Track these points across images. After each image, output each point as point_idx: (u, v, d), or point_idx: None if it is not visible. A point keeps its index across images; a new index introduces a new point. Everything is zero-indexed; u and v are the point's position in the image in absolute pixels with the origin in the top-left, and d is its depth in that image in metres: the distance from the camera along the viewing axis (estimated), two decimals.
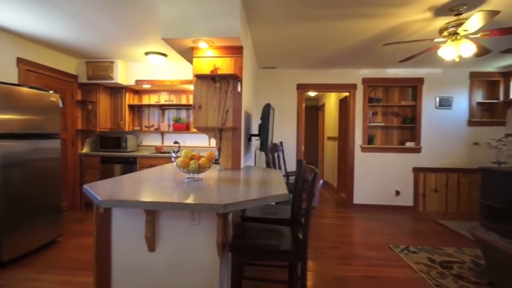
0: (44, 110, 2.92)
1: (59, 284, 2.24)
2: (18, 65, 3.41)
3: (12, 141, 2.57)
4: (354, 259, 2.79)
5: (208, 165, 1.89)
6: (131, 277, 1.68)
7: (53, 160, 3.05)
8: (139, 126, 4.95)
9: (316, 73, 4.75)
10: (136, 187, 1.69)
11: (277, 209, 2.37)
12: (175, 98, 4.89)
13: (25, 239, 2.68)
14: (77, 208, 4.41)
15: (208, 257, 1.63)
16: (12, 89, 2.58)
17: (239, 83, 2.53)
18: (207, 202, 1.31)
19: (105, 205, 1.32)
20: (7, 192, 2.53)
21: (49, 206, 2.98)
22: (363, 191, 4.73)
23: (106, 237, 1.71)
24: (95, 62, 4.31)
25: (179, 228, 1.65)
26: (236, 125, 2.54)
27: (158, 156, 4.29)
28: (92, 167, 4.40)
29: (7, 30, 3.17)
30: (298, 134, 4.80)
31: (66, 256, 2.75)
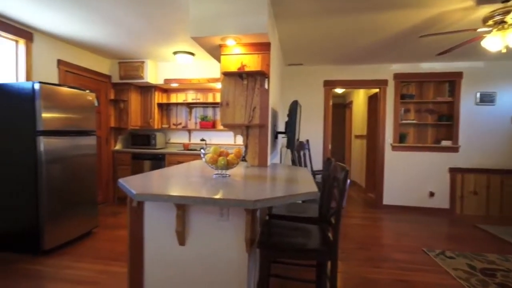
0: (82, 108, 3.09)
1: (96, 272, 2.36)
2: (58, 66, 3.64)
3: (54, 138, 2.74)
4: (384, 261, 2.68)
5: (236, 161, 1.90)
6: (163, 268, 1.73)
7: (89, 156, 3.22)
8: (167, 124, 5.09)
9: (344, 69, 4.61)
10: (167, 182, 1.73)
11: (303, 207, 2.33)
12: (202, 97, 4.97)
13: (64, 229, 2.86)
14: (110, 202, 4.64)
15: (236, 253, 1.64)
16: (55, 89, 2.75)
17: (266, 80, 2.51)
18: (236, 198, 1.30)
19: (139, 199, 1.36)
20: (49, 185, 2.70)
21: (86, 199, 3.16)
22: (393, 192, 4.53)
23: (139, 229, 1.77)
24: (126, 63, 4.50)
25: (208, 223, 1.67)
26: (263, 122, 2.53)
27: (185, 153, 4.39)
28: (124, 163, 4.61)
29: (49, 34, 3.40)
30: (325, 132, 4.69)
31: (102, 246, 2.90)
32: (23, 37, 3.17)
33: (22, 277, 2.27)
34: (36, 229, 2.65)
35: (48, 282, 2.21)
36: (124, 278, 2.27)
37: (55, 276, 2.30)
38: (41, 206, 2.65)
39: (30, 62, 3.26)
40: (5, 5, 2.64)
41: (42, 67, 3.41)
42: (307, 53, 4.00)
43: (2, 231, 2.74)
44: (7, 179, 2.71)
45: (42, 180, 2.65)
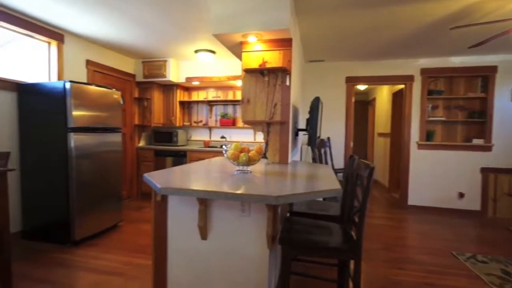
0: (109, 106, 3.21)
1: (121, 263, 2.46)
2: (87, 66, 3.80)
3: (83, 135, 2.87)
4: (410, 263, 2.58)
5: (258, 158, 1.89)
6: (185, 262, 1.77)
7: (115, 153, 3.35)
8: (189, 122, 5.19)
9: (367, 65, 4.48)
10: (190, 177, 1.75)
11: (324, 205, 2.29)
12: (222, 94, 5.02)
13: (92, 222, 3.00)
14: (134, 197, 4.80)
15: (257, 249, 1.64)
16: (84, 87, 2.87)
17: (288, 76, 2.48)
18: (258, 193, 1.30)
19: (163, 192, 1.39)
20: (78, 180, 2.84)
21: (112, 194, 3.29)
22: (419, 192, 4.35)
23: (162, 223, 1.81)
24: (150, 62, 4.62)
25: (229, 218, 1.68)
26: (284, 119, 2.51)
27: (206, 150, 4.46)
28: (147, 160, 4.75)
29: (78, 35, 3.55)
30: (346, 129, 4.59)
31: (127, 239, 3.01)
32: (55, 38, 3.34)
33: (55, 265, 2.41)
34: (67, 221, 2.79)
35: (78, 271, 2.32)
36: (148, 270, 2.35)
37: (84, 265, 2.41)
38: (71, 199, 2.79)
39: (62, 63, 3.43)
40: (39, 9, 2.79)
41: (72, 67, 3.58)
42: (329, 49, 3.92)
43: (38, 222, 2.91)
44: (42, 174, 2.88)
45: (72, 174, 2.78)
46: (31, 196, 2.93)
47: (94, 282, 2.16)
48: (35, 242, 2.90)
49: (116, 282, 2.16)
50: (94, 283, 2.14)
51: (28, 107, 2.89)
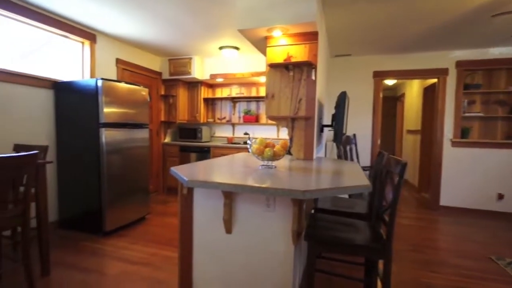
0: (137, 103, 3.32)
1: (148, 254, 2.54)
2: (117, 64, 3.96)
3: (113, 130, 2.99)
4: (442, 266, 2.44)
5: (283, 153, 1.87)
6: (210, 255, 1.79)
7: (143, 148, 3.46)
8: (213, 118, 5.25)
9: (396, 59, 4.28)
10: (215, 171, 1.76)
11: (349, 203, 2.22)
12: (245, 91, 5.02)
13: (121, 214, 3.12)
14: (160, 191, 4.95)
15: (282, 244, 1.62)
16: (114, 84, 2.99)
17: (313, 71, 2.43)
18: (285, 187, 1.27)
19: (190, 185, 1.41)
20: (109, 174, 2.96)
21: (139, 188, 3.41)
22: (452, 192, 4.10)
23: (188, 216, 1.84)
24: (176, 60, 4.72)
25: (254, 213, 1.67)
26: (309, 114, 2.46)
27: (229, 147, 4.49)
28: (172, 155, 4.87)
29: (109, 35, 3.70)
30: (373, 126, 4.42)
31: (153, 231, 3.10)
32: (88, 38, 3.50)
33: (88, 254, 2.53)
34: (99, 212, 2.93)
35: (109, 259, 2.43)
36: (174, 262, 2.41)
37: (114, 255, 2.52)
38: (103, 192, 2.92)
39: (94, 61, 3.59)
40: (73, 11, 2.93)
41: (103, 65, 3.73)
42: (356, 42, 3.79)
43: (72, 212, 3.08)
44: (76, 167, 3.04)
45: (104, 168, 2.91)
46: (66, 187, 3.11)
47: (123, 271, 2.25)
48: (70, 231, 3.08)
49: (143, 272, 2.23)
50: (123, 272, 2.23)
51: (63, 103, 3.06)
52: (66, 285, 2.03)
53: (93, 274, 2.20)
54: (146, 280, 2.12)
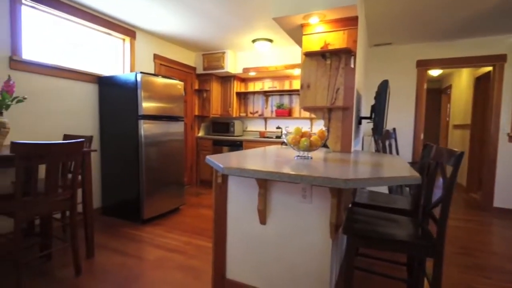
0: (173, 96, 3.41)
1: (183, 243, 2.60)
2: (154, 60, 4.10)
3: (151, 122, 3.10)
4: (496, 272, 2.20)
5: (319, 143, 1.78)
6: (244, 245, 1.77)
7: (178, 142, 3.55)
8: (245, 112, 5.26)
9: (442, 46, 3.93)
10: (250, 160, 1.73)
11: (388, 198, 2.08)
12: (278, 85, 4.95)
13: (158, 203, 3.24)
14: (193, 184, 5.07)
15: (318, 238, 1.55)
16: (152, 78, 3.09)
17: (353, 58, 2.29)
18: (325, 175, 1.20)
19: (226, 172, 1.39)
20: (147, 165, 3.08)
21: (175, 179, 3.51)
22: (508, 192, 3.69)
23: (222, 206, 1.84)
24: (209, 54, 4.79)
25: (290, 204, 1.62)
26: (347, 104, 2.33)
27: (261, 141, 4.46)
28: (205, 149, 4.96)
29: (147, 31, 3.84)
30: (416, 120, 4.12)
31: (188, 222, 3.18)
32: (128, 35, 3.66)
33: (128, 239, 2.66)
34: (138, 201, 3.06)
35: (147, 246, 2.52)
36: (207, 251, 2.43)
37: (151, 242, 2.61)
38: (141, 182, 3.04)
39: (134, 57, 3.75)
40: (116, 9, 3.08)
41: (142, 60, 3.89)
42: (397, 29, 3.53)
43: (114, 200, 3.26)
44: (117, 157, 3.20)
45: (142, 159, 3.03)
46: (109, 177, 3.29)
47: (159, 257, 2.32)
48: (111, 217, 3.26)
49: (178, 259, 2.29)
50: (159, 258, 2.30)
51: (106, 96, 3.23)
52: (108, 266, 2.14)
53: (132, 258, 2.29)
54: (181, 267, 2.17)
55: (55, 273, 2.04)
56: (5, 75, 2.46)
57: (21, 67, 2.59)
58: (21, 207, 1.69)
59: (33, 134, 2.70)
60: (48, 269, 2.09)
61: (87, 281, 1.95)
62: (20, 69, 2.58)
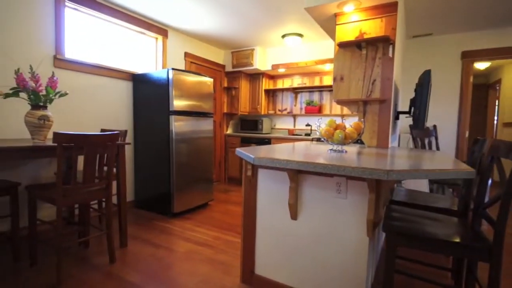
0: (203, 93, 3.45)
1: (212, 238, 2.60)
2: (185, 58, 4.18)
3: (181, 118, 3.15)
4: None
5: (355, 135, 1.68)
6: (273, 240, 1.71)
7: (207, 139, 3.58)
8: (273, 110, 5.19)
9: (492, 35, 3.58)
10: (281, 153, 1.67)
11: (428, 196, 1.90)
12: (308, 81, 4.83)
13: (187, 198, 3.28)
14: (222, 181, 5.11)
15: (354, 236, 1.45)
16: (183, 74, 3.14)
17: (391, 47, 2.14)
18: (365, 166, 1.11)
19: (257, 163, 1.34)
20: (177, 160, 3.13)
21: (204, 176, 3.54)
22: None
23: (252, 199, 1.79)
24: (238, 51, 4.79)
25: (323, 199, 1.53)
26: (384, 96, 2.19)
27: (290, 138, 4.37)
28: (234, 146, 4.97)
29: (178, 30, 3.92)
30: (460, 117, 3.80)
31: (216, 217, 3.19)
32: (161, 34, 3.76)
33: (159, 232, 2.71)
34: (168, 195, 3.12)
35: (177, 239, 2.56)
36: (235, 246, 2.41)
37: (181, 235, 2.65)
38: (172, 176, 3.10)
39: (166, 55, 3.85)
40: (150, 9, 3.17)
41: (173, 59, 3.98)
42: (439, 18, 3.27)
43: (146, 194, 3.36)
44: (149, 151, 3.30)
45: (173, 154, 3.09)
46: (141, 171, 3.40)
47: (189, 250, 2.34)
48: (143, 210, 3.36)
49: (207, 253, 2.28)
50: (188, 251, 2.31)
51: (140, 93, 3.34)
52: (140, 256, 2.19)
53: (163, 249, 2.33)
54: (209, 260, 2.16)
55: (91, 260, 2.12)
56: (50, 73, 2.63)
57: (64, 65, 2.75)
58: (61, 195, 1.77)
59: (74, 128, 2.85)
60: (85, 256, 2.18)
61: (120, 268, 2.01)
62: (63, 67, 2.74)
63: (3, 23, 2.34)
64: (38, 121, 2.11)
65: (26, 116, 2.10)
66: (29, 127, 2.11)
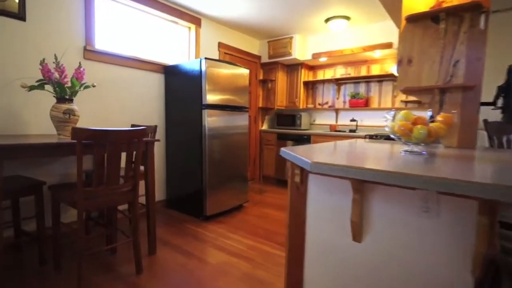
0: (238, 85, 3.14)
1: (248, 247, 2.29)
2: (219, 48, 3.91)
3: (215, 113, 2.88)
4: None
5: (444, 132, 1.24)
6: (328, 265, 1.34)
7: (242, 135, 3.28)
8: (313, 104, 4.76)
9: None
10: (338, 155, 1.30)
11: None
12: (353, 71, 4.33)
13: (221, 200, 3.02)
14: (256, 180, 4.81)
15: (449, 272, 1.03)
16: (218, 64, 2.86)
17: (483, 16, 1.64)
18: (471, 179, 0.70)
19: (317, 170, 0.99)
20: (210, 158, 2.87)
21: (238, 175, 3.25)
22: None
23: (301, 213, 1.44)
24: (275, 41, 4.42)
25: (400, 217, 1.13)
26: (471, 81, 1.69)
27: (332, 135, 3.93)
28: (269, 143, 4.64)
29: (212, 18, 3.66)
30: None
31: (252, 222, 2.89)
32: (194, 23, 3.52)
33: (191, 237, 2.47)
34: (201, 195, 2.88)
35: (210, 246, 2.29)
36: (275, 260, 2.08)
37: (214, 242, 2.38)
38: (205, 175, 2.85)
39: (199, 46, 3.61)
40: None
41: (207, 49, 3.73)
42: None
43: (178, 193, 3.16)
44: (181, 148, 3.08)
45: (206, 151, 2.83)
46: (173, 168, 3.20)
47: (223, 261, 2.05)
48: (174, 211, 3.17)
49: (243, 267, 1.98)
50: (222, 262, 2.03)
51: (172, 86, 3.13)
52: (169, 266, 1.96)
53: (194, 259, 2.08)
54: (246, 277, 1.86)
55: (117, 268, 1.93)
56: (78, 64, 2.49)
57: (94, 57, 2.60)
58: (82, 197, 1.57)
59: (102, 124, 2.71)
60: (111, 262, 2.00)
61: (147, 280, 1.78)
62: (93, 59, 2.59)
63: (31, 13, 2.22)
64: (63, 116, 1.94)
65: (51, 110, 1.94)
66: (54, 122, 1.96)
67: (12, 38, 2.13)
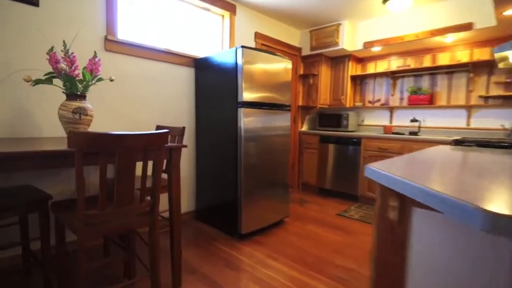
0: (279, 79, 2.66)
1: (292, 281, 1.79)
2: (255, 39, 3.45)
3: (252, 113, 2.41)
4: None
5: None
6: None
7: (283, 137, 2.79)
8: (361, 101, 4.13)
9: None
10: (460, 174, 0.75)
11: None
12: (412, 62, 3.63)
13: (258, 213, 2.55)
14: (295, 187, 4.28)
15: None
16: (256, 54, 2.40)
17: None
18: None
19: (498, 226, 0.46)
20: (246, 164, 2.42)
21: (278, 182, 2.76)
22: None
23: (394, 264, 0.91)
24: (319, 29, 3.86)
25: None
26: None
27: (389, 138, 3.28)
28: (310, 147, 4.09)
29: (248, 4, 3.21)
30: None
31: (295, 243, 2.38)
32: (228, 10, 3.10)
33: (223, 264, 2.03)
34: (235, 208, 2.44)
35: (246, 280, 1.83)
36: None
37: (252, 272, 1.91)
38: (240, 183, 2.41)
39: (233, 36, 3.18)
40: None
41: (242, 40, 3.29)
42: None
43: (208, 204, 2.75)
44: (215, 154, 2.66)
45: (241, 156, 2.38)
46: (204, 176, 2.80)
47: None
48: (204, 224, 2.76)
49: None
50: None
51: (203, 81, 2.73)
52: None
53: None
54: None
55: None
56: (101, 56, 2.17)
57: (116, 48, 2.27)
58: (83, 223, 1.18)
59: (122, 126, 2.37)
60: None
61: None
62: (114, 51, 2.26)
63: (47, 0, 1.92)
64: (73, 115, 1.59)
65: (60, 108, 1.61)
66: (62, 123, 1.62)
67: (21, 25, 1.84)
